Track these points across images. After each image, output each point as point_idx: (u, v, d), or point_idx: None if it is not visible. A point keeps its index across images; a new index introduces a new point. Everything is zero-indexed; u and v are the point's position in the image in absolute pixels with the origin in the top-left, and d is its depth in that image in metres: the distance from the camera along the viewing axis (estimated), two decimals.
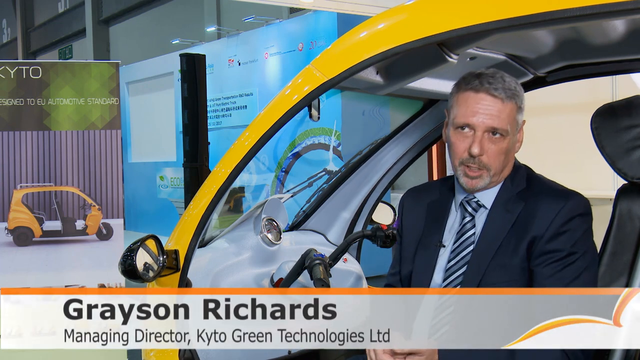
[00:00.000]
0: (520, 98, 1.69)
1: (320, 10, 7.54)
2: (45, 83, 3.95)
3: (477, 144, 1.64)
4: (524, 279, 1.63)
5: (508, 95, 1.65)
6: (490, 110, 1.64)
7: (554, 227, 1.60)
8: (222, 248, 2.37)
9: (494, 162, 1.66)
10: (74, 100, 3.98)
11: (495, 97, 1.64)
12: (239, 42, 9.31)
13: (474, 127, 1.65)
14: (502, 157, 1.67)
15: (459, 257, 1.72)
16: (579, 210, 1.62)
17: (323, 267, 2.10)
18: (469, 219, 1.74)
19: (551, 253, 1.60)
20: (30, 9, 22.05)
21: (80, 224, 4.01)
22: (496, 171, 1.68)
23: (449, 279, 1.73)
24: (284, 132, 8.05)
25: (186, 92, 5.42)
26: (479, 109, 1.64)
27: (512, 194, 1.70)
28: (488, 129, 1.64)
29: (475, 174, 1.67)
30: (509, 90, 1.65)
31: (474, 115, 1.65)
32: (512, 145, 1.70)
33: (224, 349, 1.96)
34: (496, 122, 1.64)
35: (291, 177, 8.21)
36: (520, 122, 1.71)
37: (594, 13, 1.29)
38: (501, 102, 1.64)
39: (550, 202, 1.63)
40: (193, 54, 5.54)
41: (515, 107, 1.67)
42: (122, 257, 1.86)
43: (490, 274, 1.64)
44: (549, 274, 1.59)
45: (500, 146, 1.65)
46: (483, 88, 1.64)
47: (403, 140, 2.57)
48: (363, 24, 1.63)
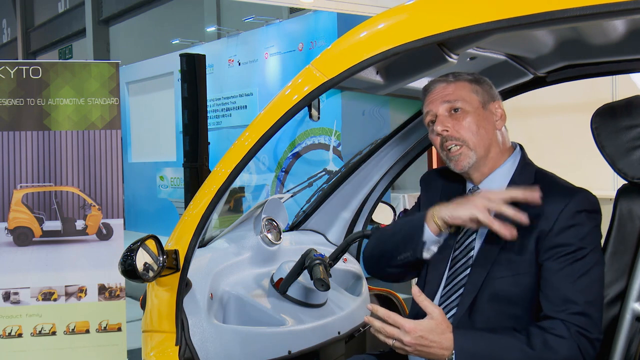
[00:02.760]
0: (472, 76, 1.77)
1: (320, 10, 7.54)
2: (45, 83, 3.95)
3: (440, 122, 1.73)
4: (531, 273, 1.63)
5: (454, 76, 1.76)
6: (442, 92, 1.74)
7: (561, 221, 1.60)
8: (222, 248, 2.37)
9: (465, 133, 1.71)
10: (74, 100, 3.98)
11: (441, 81, 1.76)
12: (239, 42, 9.30)
13: (435, 113, 1.74)
14: (474, 128, 1.71)
15: (462, 246, 1.74)
16: (586, 206, 1.62)
17: (323, 267, 2.10)
18: None
19: (560, 247, 1.60)
20: (30, 9, 22.05)
21: (80, 224, 4.01)
22: (475, 144, 1.71)
23: (453, 268, 1.74)
24: (284, 132, 8.05)
25: (186, 92, 5.41)
26: (433, 97, 1.76)
27: (520, 189, 1.70)
28: (446, 108, 1.72)
29: (455, 153, 1.72)
30: (457, 74, 1.77)
31: (431, 103, 1.75)
32: (484, 120, 1.72)
33: (224, 349, 1.96)
34: (449, 97, 1.72)
35: (291, 177, 8.20)
36: (483, 97, 1.75)
37: (594, 13, 1.29)
38: (447, 83, 1.75)
39: (557, 197, 1.63)
40: (193, 54, 5.53)
41: (467, 82, 1.75)
42: (122, 257, 1.86)
43: (496, 268, 1.65)
44: (558, 268, 1.59)
45: (465, 119, 1.71)
46: (432, 82, 1.79)
47: (403, 140, 2.57)
48: (363, 24, 1.64)
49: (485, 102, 1.74)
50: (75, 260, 3.98)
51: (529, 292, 1.63)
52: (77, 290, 3.96)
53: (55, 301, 3.93)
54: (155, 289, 1.97)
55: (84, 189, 3.99)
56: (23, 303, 3.90)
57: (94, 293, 3.97)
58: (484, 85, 1.76)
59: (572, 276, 1.58)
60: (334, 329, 2.26)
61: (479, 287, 1.65)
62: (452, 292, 1.73)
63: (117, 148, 4.03)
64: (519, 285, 1.64)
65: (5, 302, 3.88)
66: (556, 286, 1.58)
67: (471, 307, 1.67)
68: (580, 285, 1.57)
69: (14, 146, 3.91)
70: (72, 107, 3.97)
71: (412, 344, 1.52)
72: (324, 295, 2.28)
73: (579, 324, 1.55)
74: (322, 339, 2.20)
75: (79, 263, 3.97)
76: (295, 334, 2.13)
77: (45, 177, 3.95)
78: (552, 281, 1.59)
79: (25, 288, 3.90)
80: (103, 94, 4.00)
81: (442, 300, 1.74)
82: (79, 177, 3.98)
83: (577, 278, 1.57)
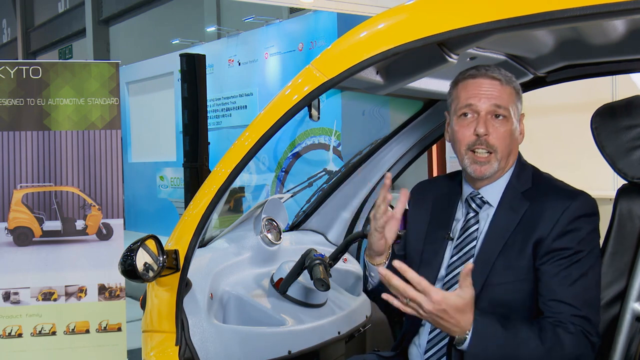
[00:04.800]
0: (517, 85, 1.72)
1: (320, 10, 7.54)
2: (45, 83, 3.95)
3: (483, 123, 1.65)
4: (530, 279, 1.62)
5: (506, 79, 1.68)
6: (491, 91, 1.67)
7: (559, 227, 1.60)
8: (222, 248, 2.37)
9: (500, 144, 1.66)
10: (74, 100, 3.97)
11: (494, 78, 1.67)
12: (239, 42, 9.30)
13: (477, 110, 1.67)
14: (508, 140, 1.68)
15: (461, 252, 1.73)
16: (585, 210, 1.62)
17: (323, 267, 2.10)
18: (473, 215, 1.75)
19: (557, 251, 1.59)
20: (30, 9, 22.04)
21: (80, 224, 4.01)
22: (502, 155, 1.68)
23: (451, 274, 1.73)
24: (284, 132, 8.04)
25: (186, 92, 5.41)
26: (480, 91, 1.67)
27: (518, 193, 1.70)
28: (491, 111, 1.66)
29: (483, 158, 1.67)
30: (506, 75, 1.69)
31: (476, 97, 1.67)
32: (515, 131, 1.70)
33: (224, 349, 1.96)
34: (498, 101, 1.66)
35: (291, 177, 8.20)
36: (520, 109, 1.72)
37: (594, 13, 1.29)
38: (500, 83, 1.67)
39: (555, 202, 1.63)
40: (193, 54, 5.53)
41: (514, 91, 1.69)
42: (122, 257, 1.86)
43: (495, 274, 1.64)
44: (555, 272, 1.59)
45: (504, 128, 1.67)
46: (480, 73, 1.69)
47: (403, 140, 2.57)
48: (363, 24, 1.63)
49: (519, 117, 1.73)
50: (75, 260, 3.98)
51: (529, 298, 1.63)
52: (77, 290, 3.95)
53: (55, 301, 3.93)
54: (155, 289, 1.97)
55: (84, 189, 3.99)
56: (23, 303, 3.90)
57: (94, 293, 3.96)
58: (521, 98, 1.74)
59: (569, 279, 1.57)
60: (334, 329, 2.26)
61: (478, 294, 1.65)
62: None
63: (117, 148, 4.03)
64: (519, 292, 1.63)
65: (5, 302, 3.88)
66: (554, 290, 1.58)
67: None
68: (578, 288, 1.57)
69: (14, 146, 3.91)
70: (72, 107, 3.97)
71: (432, 312, 1.47)
72: (324, 295, 2.28)
73: (581, 325, 1.55)
74: (322, 339, 2.20)
75: (79, 263, 3.97)
76: (295, 334, 2.13)
77: (45, 177, 3.95)
78: (550, 285, 1.59)
79: (25, 288, 3.90)
80: (103, 94, 4.00)
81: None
82: (79, 177, 3.98)
83: (574, 281, 1.57)
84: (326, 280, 2.07)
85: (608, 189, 5.18)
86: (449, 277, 1.73)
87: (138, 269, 1.83)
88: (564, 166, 5.95)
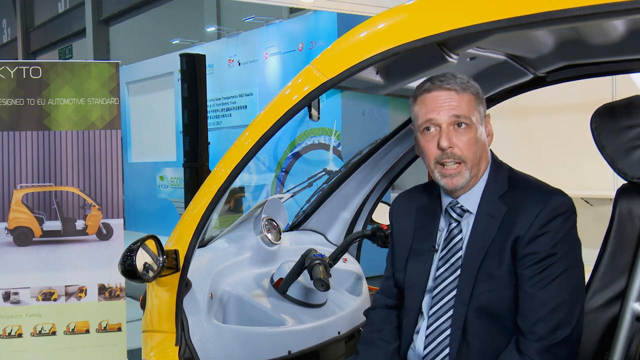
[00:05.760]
0: (476, 89, 1.69)
1: (320, 10, 7.54)
2: (45, 83, 3.95)
3: (445, 136, 1.64)
4: (511, 286, 1.62)
5: (462, 87, 1.66)
6: (449, 102, 1.65)
7: (534, 229, 1.59)
8: (222, 248, 2.37)
9: (467, 153, 1.65)
10: (74, 100, 3.98)
11: (449, 89, 1.66)
12: (239, 42, 9.31)
13: (438, 123, 1.65)
14: (474, 147, 1.66)
15: (448, 263, 1.71)
16: (560, 210, 1.60)
17: (323, 267, 2.10)
18: (455, 225, 1.73)
19: (530, 255, 1.59)
20: (30, 9, 22.05)
21: (80, 224, 4.01)
22: (473, 163, 1.67)
23: (440, 286, 1.71)
24: (284, 132, 8.05)
25: (186, 92, 5.42)
26: (438, 104, 1.66)
27: (495, 198, 1.68)
28: (451, 121, 1.65)
29: (453, 171, 1.66)
30: (462, 82, 1.67)
31: (434, 110, 1.66)
32: (481, 136, 1.69)
33: (224, 349, 1.96)
34: (457, 110, 1.64)
35: (291, 177, 8.21)
36: (482, 113, 1.70)
37: (594, 13, 1.29)
38: (456, 93, 1.65)
39: (530, 203, 1.62)
40: (193, 54, 5.53)
41: (473, 97, 1.67)
42: (122, 257, 1.86)
43: (479, 284, 1.63)
44: (530, 276, 1.59)
45: (468, 136, 1.65)
46: (435, 86, 1.67)
47: (403, 140, 2.57)
48: (363, 24, 1.64)
49: (484, 120, 1.71)
50: (75, 260, 3.98)
51: (513, 304, 1.62)
52: (77, 290, 3.96)
53: (55, 301, 3.93)
54: (155, 289, 1.97)
55: (84, 189, 3.99)
56: (23, 303, 3.90)
57: (94, 293, 3.97)
58: (483, 100, 1.72)
59: (543, 282, 1.57)
60: (334, 329, 2.26)
61: (467, 304, 1.63)
62: (442, 312, 1.69)
63: (117, 148, 4.03)
64: (503, 300, 1.62)
65: (5, 302, 3.88)
66: (528, 293, 1.58)
67: (464, 326, 1.64)
68: (550, 292, 1.56)
69: (14, 146, 3.91)
70: (72, 107, 3.97)
71: None
72: (324, 295, 2.28)
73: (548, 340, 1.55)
74: (322, 339, 2.21)
75: (79, 263, 3.98)
76: (295, 334, 2.13)
77: (45, 177, 3.95)
78: (524, 289, 1.59)
79: (25, 288, 3.90)
80: (103, 94, 4.01)
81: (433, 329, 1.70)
82: (79, 177, 3.98)
83: (547, 284, 1.57)
84: (326, 280, 2.07)
85: (608, 189, 5.18)
86: (438, 289, 1.71)
87: (138, 269, 1.83)
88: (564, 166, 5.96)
